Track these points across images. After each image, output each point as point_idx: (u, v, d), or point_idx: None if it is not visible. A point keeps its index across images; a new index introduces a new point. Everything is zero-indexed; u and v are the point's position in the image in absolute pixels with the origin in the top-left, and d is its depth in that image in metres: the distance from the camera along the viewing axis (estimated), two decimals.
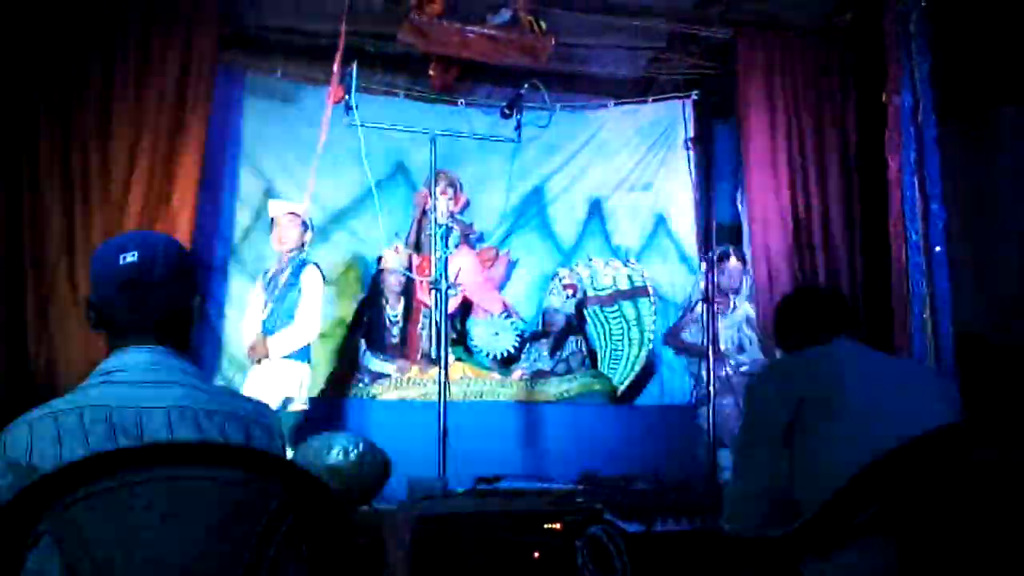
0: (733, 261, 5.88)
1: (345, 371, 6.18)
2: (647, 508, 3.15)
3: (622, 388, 6.61)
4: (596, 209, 7.20)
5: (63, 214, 5.08)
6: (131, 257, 1.84)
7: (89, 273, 1.92)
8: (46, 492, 1.55)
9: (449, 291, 4.96)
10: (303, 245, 5.43)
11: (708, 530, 3.04)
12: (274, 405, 5.06)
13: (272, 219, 5.48)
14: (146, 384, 1.80)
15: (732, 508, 2.53)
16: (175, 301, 1.92)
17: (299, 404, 5.24)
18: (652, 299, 6.79)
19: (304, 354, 5.30)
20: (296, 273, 5.31)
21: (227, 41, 5.95)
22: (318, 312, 5.37)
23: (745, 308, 5.94)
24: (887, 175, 5.69)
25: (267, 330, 5.23)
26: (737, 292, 6.09)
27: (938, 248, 5.51)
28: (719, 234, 5.82)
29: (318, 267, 5.44)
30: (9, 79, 5.04)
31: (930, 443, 2.05)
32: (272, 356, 5.17)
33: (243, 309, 5.98)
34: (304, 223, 5.45)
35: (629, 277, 6.83)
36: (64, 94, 5.14)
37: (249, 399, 1.96)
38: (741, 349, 5.99)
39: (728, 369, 5.68)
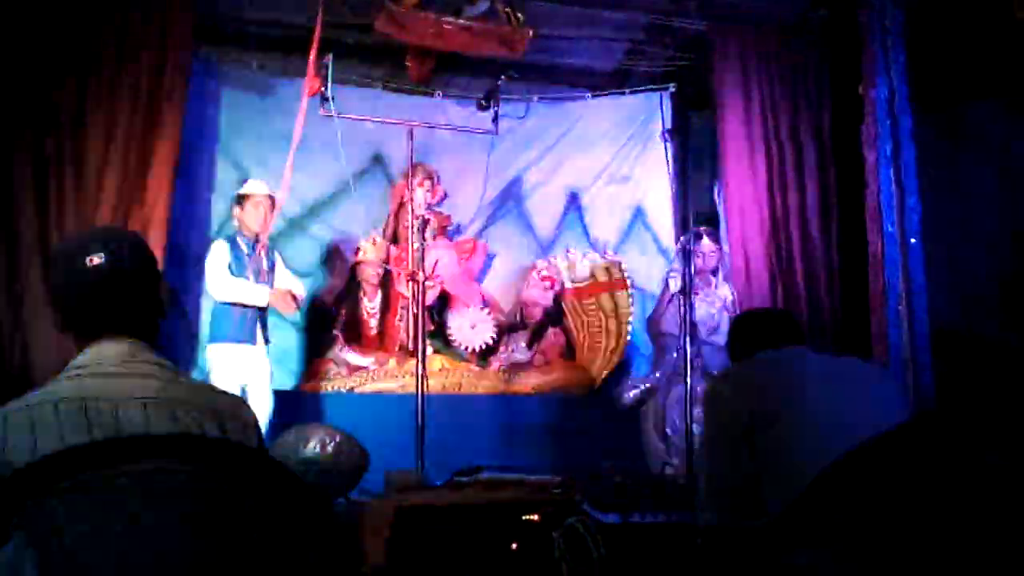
0: (706, 241, 5.89)
1: (322, 364, 6.17)
2: (624, 499, 3.16)
3: (600, 379, 6.62)
4: (574, 201, 7.20)
5: (36, 207, 5.03)
6: (98, 259, 1.82)
7: (52, 275, 1.89)
8: (19, 487, 1.54)
9: (427, 283, 4.96)
10: (268, 225, 5.49)
11: (684, 522, 3.06)
12: (265, 388, 5.13)
13: (248, 196, 5.46)
14: (122, 376, 1.79)
15: (701, 501, 2.63)
16: (145, 296, 1.90)
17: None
18: (630, 291, 6.79)
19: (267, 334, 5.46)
20: (271, 260, 5.48)
21: (203, 33, 5.91)
22: (302, 287, 5.69)
23: (725, 290, 5.93)
24: (863, 168, 5.72)
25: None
26: (715, 273, 6.07)
27: (913, 240, 5.55)
28: (697, 224, 5.83)
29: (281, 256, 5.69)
30: None
31: (893, 440, 2.08)
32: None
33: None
34: (274, 206, 5.49)
35: (607, 269, 6.83)
36: (37, 86, 5.09)
37: (225, 393, 1.95)
38: (716, 330, 5.95)
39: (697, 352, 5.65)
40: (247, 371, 5.19)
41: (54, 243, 4.89)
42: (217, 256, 5.36)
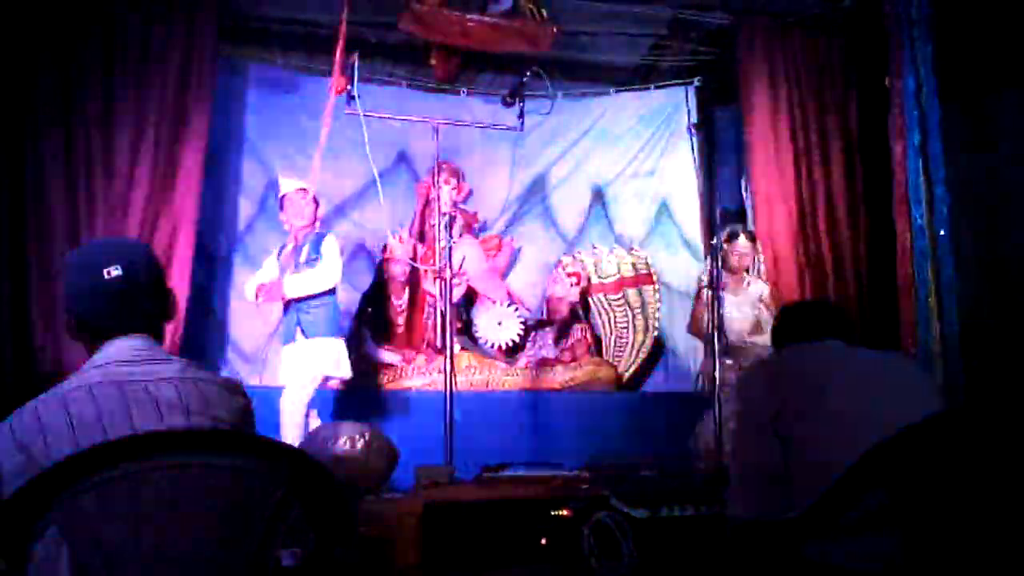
0: (743, 240, 5.79)
1: (351, 361, 6.18)
2: (653, 494, 3.16)
3: (627, 375, 6.61)
4: (599, 196, 7.19)
5: (67, 207, 5.10)
6: (116, 271, 1.90)
7: (67, 283, 1.97)
8: (53, 483, 1.56)
9: (454, 280, 4.96)
10: (315, 221, 5.38)
11: (714, 515, 3.06)
12: (314, 384, 5.06)
13: (284, 196, 5.40)
14: (145, 361, 1.87)
15: (731, 494, 2.62)
16: (157, 303, 1.99)
17: (343, 375, 5.26)
18: (656, 286, 6.78)
19: (334, 328, 5.25)
20: (316, 246, 5.23)
21: (228, 32, 5.95)
22: (338, 267, 5.27)
23: (760, 285, 5.86)
24: (891, 159, 5.68)
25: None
26: (748, 270, 5.99)
27: (943, 232, 5.50)
28: (724, 219, 5.79)
29: (335, 236, 5.42)
30: (11, 73, 5.05)
31: (925, 431, 2.07)
32: (288, 294, 5.13)
33: (247, 299, 6.02)
34: (315, 199, 5.40)
35: (633, 264, 6.82)
36: (66, 89, 5.15)
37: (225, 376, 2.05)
38: (756, 328, 5.89)
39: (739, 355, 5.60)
40: (289, 369, 5.14)
41: (68, 252, 4.92)
42: (260, 272, 5.38)
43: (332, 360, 5.17)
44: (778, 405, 2.50)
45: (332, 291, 5.24)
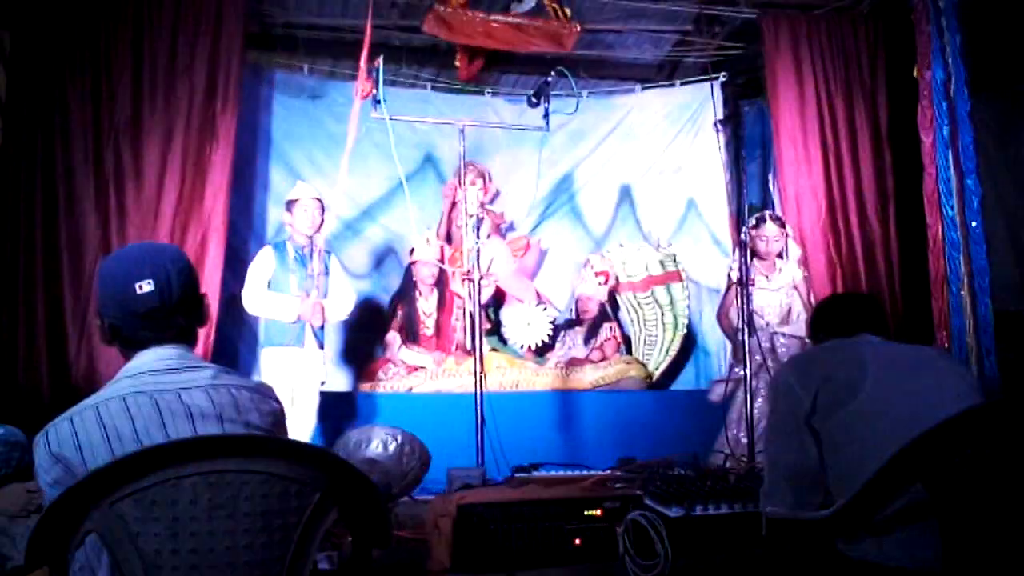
0: (770, 225, 5.74)
1: (380, 364, 6.21)
2: (686, 492, 3.14)
3: (657, 373, 6.60)
4: (626, 194, 7.18)
5: (98, 216, 5.15)
6: (147, 286, 1.91)
7: (99, 292, 1.98)
8: (93, 490, 1.58)
9: (482, 282, 4.96)
10: (320, 227, 5.42)
11: (749, 513, 3.04)
12: (313, 390, 5.17)
13: (295, 200, 5.39)
14: (176, 370, 1.89)
15: (765, 491, 2.62)
16: (190, 312, 1.99)
17: (322, 386, 5.39)
18: (685, 283, 6.76)
19: (321, 337, 5.36)
20: (325, 261, 5.35)
21: (254, 39, 5.99)
22: (352, 291, 5.53)
23: (792, 271, 5.81)
24: (920, 151, 5.64)
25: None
26: (781, 256, 5.93)
27: (974, 224, 5.45)
28: (752, 214, 5.76)
29: (339, 259, 5.63)
30: (42, 85, 5.12)
31: (960, 425, 2.05)
32: (331, 319, 5.38)
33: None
34: (323, 207, 5.43)
35: (661, 262, 6.81)
36: (96, 99, 5.21)
37: (258, 382, 2.04)
38: (787, 318, 5.84)
39: (770, 344, 5.55)
40: (296, 374, 5.18)
41: (102, 259, 4.96)
42: (258, 266, 5.29)
43: (320, 366, 5.37)
44: (812, 401, 2.49)
45: None
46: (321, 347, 5.34)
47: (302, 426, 5.07)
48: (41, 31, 5.15)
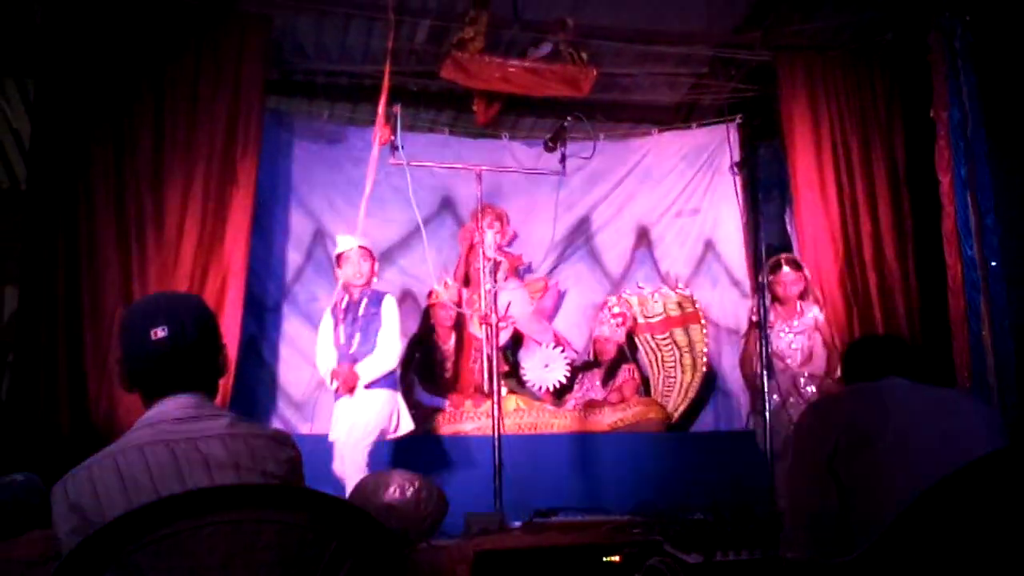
0: (786, 269, 5.75)
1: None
2: (706, 538, 3.12)
3: (676, 415, 6.57)
4: (644, 236, 7.19)
5: (119, 260, 5.19)
6: (162, 332, 1.94)
7: (119, 339, 2.03)
8: (110, 540, 1.58)
9: (500, 324, 4.96)
10: (372, 278, 5.39)
11: (769, 559, 3.01)
12: (371, 437, 5.03)
13: (342, 254, 5.39)
14: (193, 419, 1.90)
15: (786, 536, 2.60)
16: (205, 361, 2.03)
17: (403, 430, 5.18)
18: (703, 324, 6.75)
19: (392, 382, 5.20)
20: (375, 303, 5.23)
21: (274, 86, 6.06)
22: (398, 339, 5.28)
23: (815, 311, 5.79)
24: (938, 191, 5.63)
25: (350, 358, 5.12)
26: (802, 297, 5.91)
27: (994, 263, 5.43)
28: (769, 255, 5.74)
29: (393, 299, 5.39)
30: (65, 133, 5.19)
31: (984, 469, 2.03)
32: (361, 383, 5.08)
33: (297, 348, 6.07)
34: (372, 256, 5.41)
35: (679, 303, 6.79)
36: (118, 144, 5.27)
37: (274, 429, 2.06)
38: (809, 358, 5.81)
39: (792, 384, 5.52)
40: (345, 423, 5.11)
41: (125, 306, 5.00)
42: (320, 331, 5.31)
43: (389, 413, 5.12)
44: (833, 445, 2.48)
45: None
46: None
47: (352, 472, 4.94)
48: (65, 79, 5.23)
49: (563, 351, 6.56)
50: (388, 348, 5.15)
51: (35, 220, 5.15)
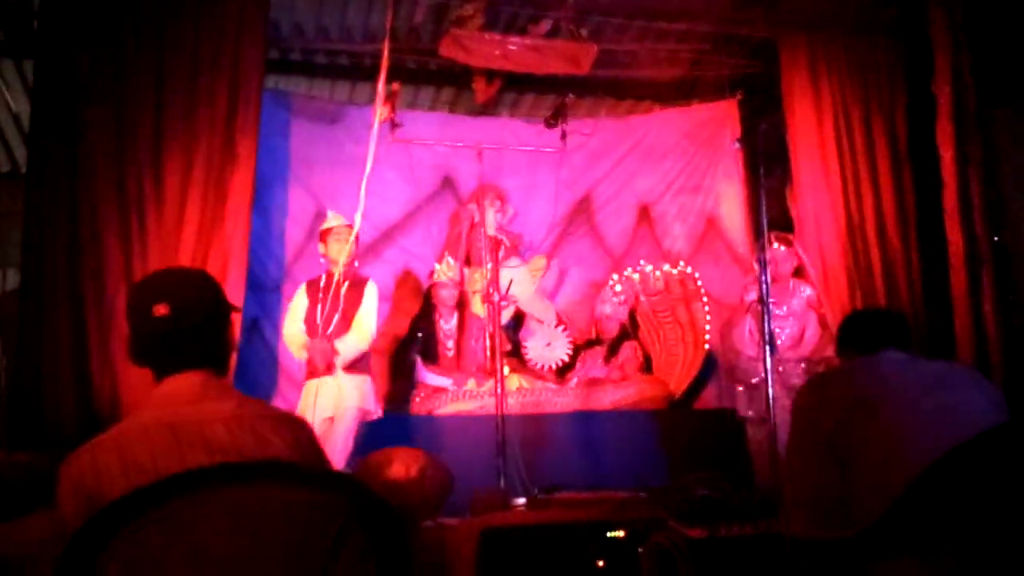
0: (777, 246, 5.75)
1: (402, 387, 6.22)
2: (710, 513, 3.13)
3: (679, 393, 6.57)
4: (645, 214, 7.18)
5: (120, 243, 5.17)
6: (163, 310, 1.94)
7: (127, 316, 2.02)
8: (114, 519, 1.59)
9: (501, 303, 4.96)
10: (355, 260, 5.42)
11: (772, 534, 3.02)
12: (354, 421, 5.10)
13: (327, 230, 5.44)
14: (199, 402, 1.89)
15: (787, 512, 2.61)
16: (211, 338, 2.01)
17: (374, 415, 5.32)
18: (705, 302, 6.74)
19: (366, 365, 5.33)
20: (357, 286, 5.33)
21: (273, 65, 6.03)
22: (375, 324, 5.43)
23: (809, 290, 5.78)
24: (940, 166, 5.61)
25: (326, 340, 5.23)
26: (797, 275, 5.89)
27: (996, 238, 5.42)
28: (770, 232, 5.73)
29: (375, 284, 5.51)
30: (65, 114, 5.17)
31: (987, 443, 2.04)
32: (339, 363, 5.20)
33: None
34: (357, 237, 5.43)
35: (681, 281, 6.78)
36: (117, 126, 5.24)
37: (285, 411, 2.05)
38: (799, 341, 5.82)
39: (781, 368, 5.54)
40: (330, 403, 5.17)
41: (128, 288, 5.00)
42: (292, 305, 5.43)
43: (365, 395, 5.28)
44: (832, 422, 2.48)
45: None
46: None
47: (339, 452, 5.03)
48: (63, 61, 5.20)
49: (565, 329, 6.56)
50: (364, 329, 5.29)
51: (35, 203, 5.14)
